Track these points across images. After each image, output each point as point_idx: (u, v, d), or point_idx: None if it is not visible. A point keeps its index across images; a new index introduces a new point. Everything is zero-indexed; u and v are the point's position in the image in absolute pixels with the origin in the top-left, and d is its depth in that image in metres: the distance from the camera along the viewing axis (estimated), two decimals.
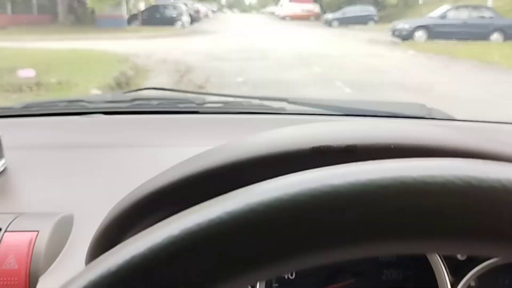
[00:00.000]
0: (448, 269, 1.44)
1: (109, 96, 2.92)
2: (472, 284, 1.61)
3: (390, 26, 18.79)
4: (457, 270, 1.46)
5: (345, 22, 24.40)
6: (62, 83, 8.11)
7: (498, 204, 0.47)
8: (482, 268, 1.40)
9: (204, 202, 0.50)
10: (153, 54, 12.78)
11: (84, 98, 2.44)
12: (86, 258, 1.14)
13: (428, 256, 1.43)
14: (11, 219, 1.26)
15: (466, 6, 19.10)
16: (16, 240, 1.21)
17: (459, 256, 1.40)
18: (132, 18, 22.55)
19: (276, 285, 1.66)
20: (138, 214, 1.02)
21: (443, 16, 17.77)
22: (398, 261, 1.63)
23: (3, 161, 1.66)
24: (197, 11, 27.68)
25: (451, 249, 0.64)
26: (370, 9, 25.28)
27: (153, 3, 24.06)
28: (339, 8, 25.84)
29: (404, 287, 1.63)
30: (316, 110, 2.33)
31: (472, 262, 1.45)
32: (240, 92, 7.91)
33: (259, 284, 1.46)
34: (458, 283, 1.43)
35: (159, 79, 9.64)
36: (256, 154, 0.94)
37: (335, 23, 24.95)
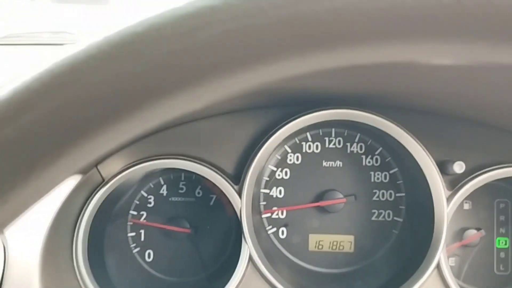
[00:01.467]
0: (444, 183, 1.36)
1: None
2: (467, 207, 1.55)
3: None
4: (453, 184, 1.38)
5: None
6: None
7: None
8: (478, 182, 1.32)
9: None
10: None
11: (68, 30, 2.32)
12: None
13: (425, 170, 1.35)
14: None
15: None
16: None
17: (456, 170, 1.32)
18: None
19: (264, 203, 1.59)
20: None
21: None
22: (391, 181, 1.56)
23: None
24: None
25: None
26: None
27: None
28: None
29: (396, 207, 1.56)
30: None
31: (469, 177, 1.37)
32: None
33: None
34: (453, 197, 1.35)
35: None
36: None
37: None
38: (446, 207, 1.34)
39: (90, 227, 1.34)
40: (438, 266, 1.34)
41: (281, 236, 1.58)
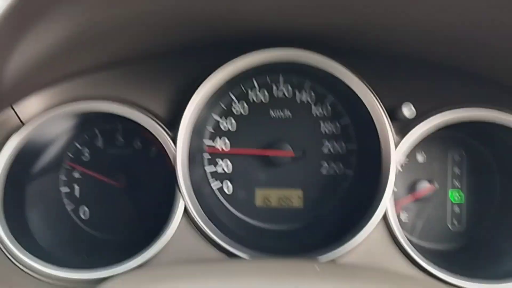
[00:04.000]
0: (394, 130, 1.28)
1: None
2: (420, 159, 1.47)
3: None
4: (404, 131, 1.30)
5: None
6: None
7: None
8: (429, 126, 1.24)
9: None
10: None
11: None
12: None
13: (373, 115, 1.26)
14: None
15: None
16: None
17: (405, 113, 1.23)
18: None
19: (209, 156, 1.49)
20: None
21: None
22: (342, 133, 1.47)
23: None
24: None
25: None
26: None
27: None
28: None
29: (347, 160, 1.48)
30: None
31: (416, 122, 1.29)
32: None
33: None
34: (402, 144, 1.27)
35: None
36: None
37: None
38: (394, 152, 1.25)
39: (7, 175, 1.22)
40: (385, 217, 1.26)
41: (226, 192, 1.48)
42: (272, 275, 0.97)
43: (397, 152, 1.26)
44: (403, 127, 1.30)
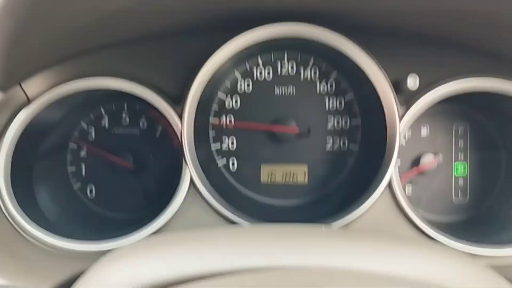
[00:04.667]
0: (399, 101, 1.29)
1: None
2: (424, 133, 1.48)
3: None
4: (407, 102, 1.30)
5: None
6: None
7: None
8: (433, 97, 1.25)
9: None
10: None
11: None
12: None
13: (377, 88, 1.27)
14: None
15: None
16: None
17: (410, 84, 1.24)
18: None
19: (214, 134, 1.50)
20: None
21: None
22: (346, 109, 1.48)
23: None
24: None
25: None
26: None
27: None
28: None
29: (352, 135, 1.49)
30: None
31: (421, 94, 1.29)
32: None
33: None
34: (406, 114, 1.28)
35: None
36: None
37: None
38: (398, 123, 1.26)
39: (15, 152, 1.23)
40: (390, 186, 1.27)
41: (231, 169, 1.49)
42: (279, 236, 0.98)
43: (402, 123, 1.27)
44: (407, 99, 1.31)
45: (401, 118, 1.27)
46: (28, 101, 1.24)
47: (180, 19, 1.31)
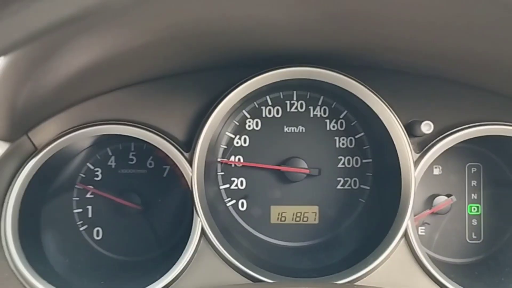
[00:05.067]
0: (412, 145, 1.26)
1: None
2: (436, 172, 1.46)
3: None
4: (421, 146, 1.28)
5: None
6: None
7: None
8: (448, 142, 1.23)
9: None
10: None
11: None
12: None
13: (391, 132, 1.25)
14: None
15: None
16: None
17: (424, 130, 1.22)
18: None
19: (222, 173, 1.48)
20: None
21: None
22: (357, 147, 1.46)
23: None
24: None
25: None
26: None
27: None
28: None
29: (363, 174, 1.46)
30: None
31: (438, 138, 1.27)
32: None
33: None
34: (421, 160, 1.25)
35: None
36: None
37: None
38: (414, 170, 1.24)
39: (21, 202, 1.20)
40: (405, 234, 1.25)
41: (241, 209, 1.47)
42: None
43: (417, 170, 1.25)
44: (421, 142, 1.29)
45: (415, 163, 1.25)
46: (36, 149, 1.22)
47: (188, 60, 1.29)
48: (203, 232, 1.25)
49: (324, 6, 0.97)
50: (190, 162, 1.26)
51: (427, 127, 1.22)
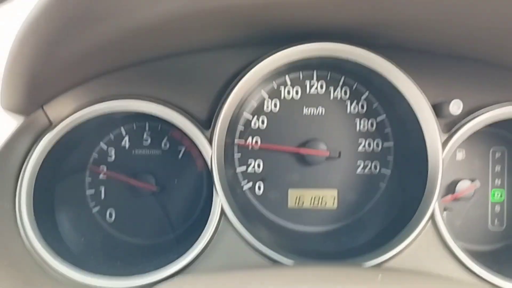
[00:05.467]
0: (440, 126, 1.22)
1: None
2: (460, 157, 1.42)
3: None
4: (449, 127, 1.24)
5: None
6: None
7: None
8: (478, 123, 1.19)
9: None
10: None
11: None
12: None
13: (418, 113, 1.21)
14: None
15: None
16: None
17: (453, 111, 1.18)
18: None
19: (239, 155, 1.44)
20: None
21: None
22: (378, 130, 1.42)
23: None
24: None
25: None
26: None
27: None
28: None
29: (384, 158, 1.42)
30: None
31: (467, 118, 1.23)
32: None
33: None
34: (448, 142, 1.21)
35: None
36: None
37: None
38: (441, 152, 1.20)
39: (36, 178, 1.16)
40: (432, 218, 1.21)
41: (257, 192, 1.43)
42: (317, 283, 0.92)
43: (444, 151, 1.21)
44: (448, 123, 1.25)
45: (443, 145, 1.21)
46: (51, 124, 1.17)
47: (208, 37, 1.25)
48: (223, 212, 1.21)
49: None
50: (210, 141, 1.22)
51: (456, 107, 1.18)
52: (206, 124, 1.25)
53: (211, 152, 1.22)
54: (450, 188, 1.40)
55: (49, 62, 0.98)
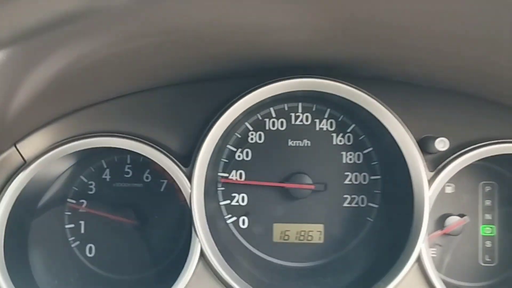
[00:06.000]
0: (426, 163, 1.19)
1: None
2: (449, 190, 1.38)
3: None
4: (435, 164, 1.21)
5: None
6: None
7: None
8: (464, 161, 1.15)
9: None
10: None
11: None
12: None
13: (403, 149, 1.17)
14: None
15: None
16: None
17: (439, 147, 1.14)
18: None
19: (222, 188, 1.40)
20: None
21: None
22: (365, 163, 1.38)
23: None
24: None
25: None
26: None
27: None
28: None
29: (371, 192, 1.39)
30: None
31: (453, 155, 1.20)
32: None
33: None
34: (435, 179, 1.18)
35: None
36: None
37: None
38: (428, 190, 1.17)
39: (8, 218, 1.12)
40: (418, 259, 1.17)
41: (241, 226, 1.39)
42: None
43: (431, 189, 1.17)
44: (433, 159, 1.21)
45: (429, 182, 1.18)
46: (24, 162, 1.14)
47: (189, 70, 1.22)
48: (202, 253, 1.17)
49: (333, 15, 0.91)
50: (189, 178, 1.19)
51: (441, 144, 1.15)
52: (186, 160, 1.21)
53: (190, 189, 1.19)
54: (439, 223, 1.36)
55: (19, 101, 0.95)
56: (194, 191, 1.18)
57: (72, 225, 1.39)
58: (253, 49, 1.11)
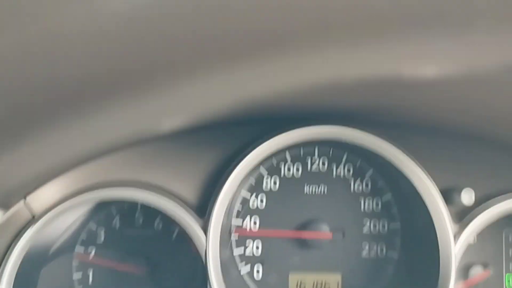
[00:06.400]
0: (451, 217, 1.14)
1: None
2: (471, 240, 1.34)
3: None
4: (459, 216, 1.16)
5: None
6: None
7: None
8: (491, 215, 1.11)
9: None
10: None
11: None
12: None
13: (426, 200, 1.13)
14: None
15: None
16: None
17: (464, 200, 1.10)
18: None
19: (236, 237, 1.36)
20: None
21: None
22: (384, 211, 1.34)
23: None
24: None
25: None
26: None
27: None
28: None
29: (392, 240, 1.34)
30: None
31: (477, 210, 1.15)
32: None
33: None
34: (460, 233, 1.13)
35: None
36: None
37: None
38: (454, 245, 1.12)
39: (16, 275, 1.07)
40: None
41: (255, 277, 1.34)
42: None
43: (458, 244, 1.13)
44: (458, 212, 1.17)
45: (455, 237, 1.13)
46: (33, 217, 1.09)
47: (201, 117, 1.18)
48: None
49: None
50: (205, 230, 1.14)
51: (468, 197, 1.11)
52: (201, 211, 1.17)
53: (205, 242, 1.14)
54: (461, 272, 1.31)
55: (29, 157, 0.91)
56: (210, 243, 1.13)
57: (79, 275, 1.33)
58: (276, 105, 1.07)
